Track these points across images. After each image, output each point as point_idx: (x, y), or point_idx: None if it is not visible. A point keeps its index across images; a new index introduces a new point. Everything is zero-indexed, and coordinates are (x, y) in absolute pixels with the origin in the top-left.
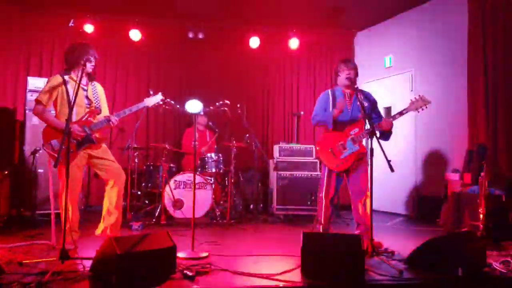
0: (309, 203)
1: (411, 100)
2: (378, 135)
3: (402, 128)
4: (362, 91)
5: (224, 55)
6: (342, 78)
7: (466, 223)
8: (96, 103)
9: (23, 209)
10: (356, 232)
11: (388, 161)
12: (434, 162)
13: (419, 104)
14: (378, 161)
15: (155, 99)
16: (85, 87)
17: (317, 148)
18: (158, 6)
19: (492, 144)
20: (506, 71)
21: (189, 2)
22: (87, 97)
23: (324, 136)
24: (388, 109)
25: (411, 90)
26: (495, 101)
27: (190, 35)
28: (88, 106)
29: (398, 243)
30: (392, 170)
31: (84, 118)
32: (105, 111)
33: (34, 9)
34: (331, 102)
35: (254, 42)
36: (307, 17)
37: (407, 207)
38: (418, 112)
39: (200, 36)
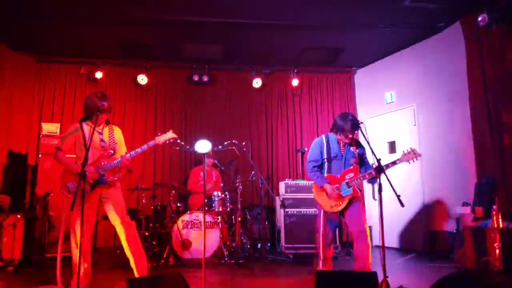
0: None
1: (404, 152)
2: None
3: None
4: (356, 140)
5: (228, 96)
6: (345, 138)
7: (482, 258)
8: (111, 145)
9: (34, 252)
10: (353, 268)
11: (398, 196)
12: (442, 196)
13: (410, 156)
14: (386, 197)
15: (166, 136)
16: (100, 131)
17: (313, 189)
18: (164, 51)
19: (501, 175)
20: (507, 100)
21: (193, 47)
22: (102, 140)
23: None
24: (391, 144)
25: (414, 125)
26: (500, 131)
27: (195, 78)
28: (103, 148)
29: (412, 280)
30: (402, 205)
31: (98, 160)
32: (121, 152)
33: (48, 58)
34: (325, 149)
35: (257, 82)
36: (307, 57)
37: (417, 243)
38: (409, 163)
39: (205, 79)
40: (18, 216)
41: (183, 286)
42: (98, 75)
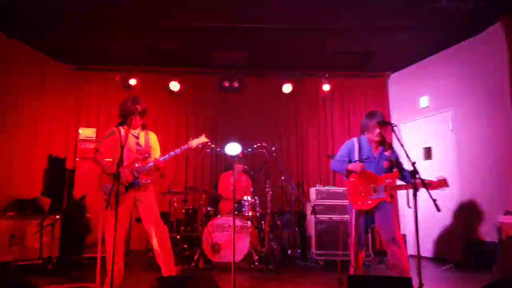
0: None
1: (437, 178)
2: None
3: (444, 169)
4: (390, 144)
5: (258, 101)
6: (373, 135)
7: None
8: (147, 149)
9: (71, 252)
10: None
11: (434, 201)
12: (481, 204)
13: (442, 184)
14: (420, 204)
15: (198, 140)
16: (136, 135)
17: (349, 181)
18: (194, 58)
19: None
20: None
21: (223, 54)
22: (138, 144)
23: (363, 173)
24: (427, 150)
25: (451, 130)
26: None
27: (226, 84)
28: (138, 151)
29: None
30: (438, 209)
31: (132, 163)
32: (156, 157)
33: (85, 67)
34: (356, 151)
35: (287, 88)
36: (338, 62)
37: (454, 252)
38: (438, 189)
39: (235, 85)
40: (57, 216)
41: (213, 287)
42: (132, 82)
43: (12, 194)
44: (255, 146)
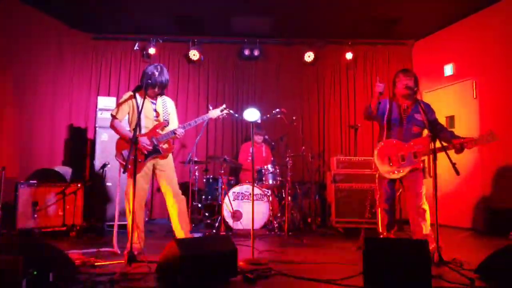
0: (369, 216)
1: (481, 134)
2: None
3: (467, 135)
4: (422, 103)
5: (279, 70)
6: (400, 88)
7: None
8: (165, 116)
9: (94, 219)
10: None
11: (453, 164)
12: (504, 172)
13: (489, 138)
14: (440, 170)
15: (218, 110)
16: (154, 101)
17: (376, 151)
18: (214, 26)
19: None
20: None
21: (243, 21)
22: (155, 110)
23: (388, 142)
24: (451, 118)
25: (474, 98)
26: None
27: (246, 52)
28: (156, 118)
29: (467, 254)
30: (457, 172)
31: (152, 131)
32: (174, 124)
33: (103, 35)
34: (387, 112)
35: (309, 56)
36: (362, 30)
37: (473, 220)
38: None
39: (256, 53)
40: (79, 185)
41: (231, 247)
42: (151, 51)
43: (34, 164)
44: (273, 112)
